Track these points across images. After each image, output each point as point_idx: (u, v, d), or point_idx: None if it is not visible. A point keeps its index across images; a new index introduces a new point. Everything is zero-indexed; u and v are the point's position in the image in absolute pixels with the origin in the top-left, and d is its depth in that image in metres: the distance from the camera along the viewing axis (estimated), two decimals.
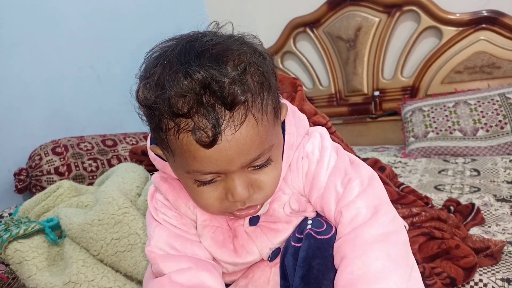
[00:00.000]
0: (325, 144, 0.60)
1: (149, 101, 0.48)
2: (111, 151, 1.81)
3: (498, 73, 2.01)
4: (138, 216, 0.90)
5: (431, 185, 1.42)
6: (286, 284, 0.60)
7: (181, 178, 0.55)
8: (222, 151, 0.47)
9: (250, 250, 0.60)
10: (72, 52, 1.92)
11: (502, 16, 1.96)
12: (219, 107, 0.46)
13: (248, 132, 0.48)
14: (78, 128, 1.93)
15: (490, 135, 1.76)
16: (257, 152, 0.49)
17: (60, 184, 1.19)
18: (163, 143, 0.51)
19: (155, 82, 0.48)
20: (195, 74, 0.45)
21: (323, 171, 0.58)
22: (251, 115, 0.47)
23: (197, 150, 0.47)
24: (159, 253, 0.59)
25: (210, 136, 0.46)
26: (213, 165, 0.48)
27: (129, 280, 0.84)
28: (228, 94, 0.45)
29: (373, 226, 0.52)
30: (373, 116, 2.30)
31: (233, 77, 0.46)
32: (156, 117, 0.48)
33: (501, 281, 0.75)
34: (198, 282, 0.56)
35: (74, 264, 0.85)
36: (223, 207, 0.54)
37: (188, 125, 0.46)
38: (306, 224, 0.58)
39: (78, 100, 1.95)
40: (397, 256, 0.51)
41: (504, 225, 1.03)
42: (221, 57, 0.47)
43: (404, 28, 2.22)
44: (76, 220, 0.94)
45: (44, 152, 1.68)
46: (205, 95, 0.45)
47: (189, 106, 0.45)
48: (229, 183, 0.51)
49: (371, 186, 0.56)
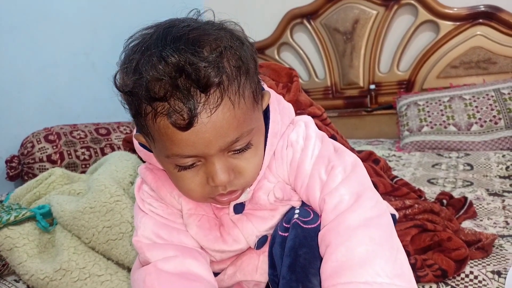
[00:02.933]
0: (309, 133, 0.60)
1: (127, 87, 0.49)
2: (104, 139, 1.80)
3: (494, 69, 2.01)
4: (130, 204, 0.89)
5: (425, 179, 1.43)
6: (274, 273, 0.60)
7: (163, 164, 0.55)
8: (199, 133, 0.47)
9: (237, 238, 0.60)
10: (67, 39, 1.90)
11: (499, 12, 1.96)
12: (194, 90, 0.46)
13: (225, 115, 0.48)
14: (71, 116, 1.91)
15: (484, 130, 1.77)
16: (235, 135, 0.50)
17: (52, 171, 1.18)
18: (144, 129, 0.51)
19: (133, 68, 0.48)
20: (170, 58, 0.46)
21: (308, 160, 0.58)
22: (227, 98, 0.48)
23: (174, 133, 0.48)
24: (145, 242, 0.59)
25: (186, 118, 0.46)
26: (191, 148, 0.49)
27: (120, 268, 0.84)
28: (203, 76, 0.46)
29: (356, 211, 0.52)
30: (368, 109, 2.30)
31: (208, 61, 0.46)
32: (135, 103, 0.49)
33: (491, 274, 0.76)
34: (185, 270, 0.56)
35: (65, 252, 0.85)
36: (205, 193, 0.54)
37: (164, 108, 0.47)
38: (293, 214, 0.58)
39: (72, 87, 1.93)
40: (381, 239, 0.50)
41: (496, 219, 1.04)
42: (197, 42, 0.47)
43: (402, 21, 2.21)
44: (67, 208, 0.93)
45: (37, 139, 1.66)
46: (180, 79, 0.46)
47: (165, 90, 0.46)
48: (209, 168, 0.51)
49: (354, 173, 0.56)
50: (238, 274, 0.63)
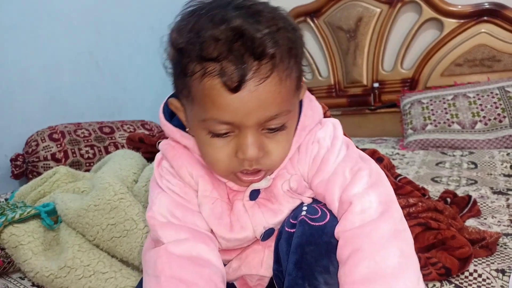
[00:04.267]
0: (337, 134, 0.61)
1: (180, 44, 0.50)
2: (108, 138, 1.81)
3: (498, 67, 2.00)
4: (135, 202, 0.89)
5: (428, 177, 1.43)
6: (279, 269, 0.60)
7: (195, 130, 0.55)
8: (243, 100, 0.49)
9: (245, 225, 0.60)
10: (71, 38, 1.90)
11: (504, 9, 1.95)
12: (248, 56, 0.47)
13: (271, 88, 0.49)
14: (75, 114, 1.91)
15: (489, 128, 1.76)
16: (275, 111, 0.51)
17: (57, 169, 1.18)
18: (184, 90, 0.52)
19: (190, 27, 0.50)
20: (232, 22, 0.47)
21: (333, 158, 0.59)
22: (276, 72, 0.49)
23: (218, 96, 0.49)
24: (160, 219, 0.58)
25: (235, 81, 0.47)
26: (231, 114, 0.49)
27: (124, 266, 0.84)
28: (259, 45, 0.47)
29: (388, 222, 0.53)
30: (372, 107, 2.30)
31: (266, 32, 0.48)
32: (184, 61, 0.50)
33: (495, 272, 0.75)
34: (195, 254, 0.56)
35: (70, 249, 0.85)
36: (231, 166, 0.54)
37: (214, 69, 0.48)
38: (301, 210, 0.58)
39: (76, 86, 1.93)
40: (409, 253, 0.52)
41: (500, 217, 1.04)
42: (258, 14, 0.49)
43: (405, 19, 2.20)
44: (72, 206, 0.93)
45: (41, 138, 1.67)
46: (237, 43, 0.47)
47: (220, 51, 0.47)
48: (242, 140, 0.52)
49: (382, 183, 0.57)
50: (243, 268, 0.63)
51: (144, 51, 2.23)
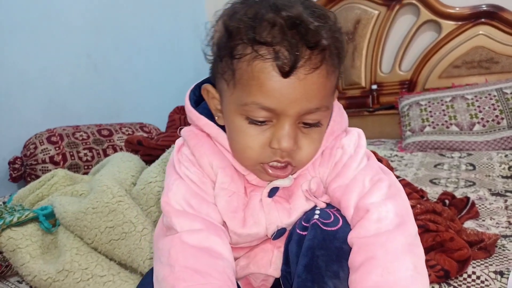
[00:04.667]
0: (361, 143, 0.62)
1: (231, 27, 0.50)
2: (106, 140, 1.81)
3: (496, 68, 2.01)
4: (133, 204, 0.89)
5: (427, 179, 1.43)
6: (287, 270, 0.60)
7: (232, 114, 0.55)
8: (290, 88, 0.49)
9: (258, 221, 0.60)
10: (69, 40, 1.90)
11: (501, 11, 1.96)
12: (301, 45, 0.48)
13: (318, 80, 0.50)
14: (74, 117, 1.91)
15: (487, 130, 1.76)
16: (317, 104, 0.52)
17: (55, 172, 1.18)
18: (227, 73, 0.52)
19: (243, 12, 0.51)
20: (289, 10, 0.48)
21: (354, 165, 0.59)
22: (325, 65, 0.50)
23: (266, 79, 0.49)
24: (175, 206, 0.58)
25: (287, 66, 0.48)
26: (275, 100, 0.50)
27: (123, 269, 0.84)
28: (314, 35, 0.48)
29: (403, 234, 0.53)
30: (370, 109, 2.30)
31: (320, 25, 0.49)
32: (233, 43, 0.50)
33: (494, 274, 0.75)
34: (207, 245, 0.55)
35: (68, 252, 0.85)
36: (262, 156, 0.54)
37: (268, 53, 0.48)
38: (313, 214, 0.58)
39: (75, 89, 1.93)
40: (422, 269, 0.53)
41: (498, 219, 1.04)
42: (314, 8, 0.51)
43: (403, 21, 2.21)
44: (70, 208, 0.93)
45: (39, 141, 1.67)
46: (292, 31, 0.48)
47: (274, 36, 0.48)
48: (279, 130, 0.52)
49: (400, 196, 0.58)
50: (252, 266, 0.63)
51: (143, 53, 2.24)
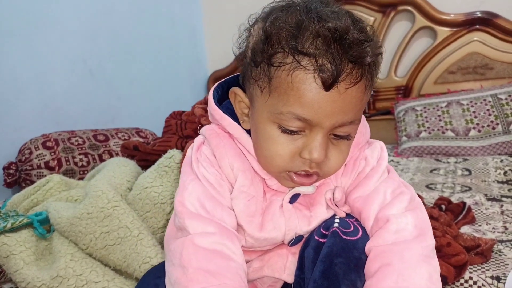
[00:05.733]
0: (383, 155, 0.62)
1: (272, 33, 0.50)
2: (102, 146, 1.80)
3: (491, 74, 2.02)
4: (128, 209, 0.89)
5: (423, 184, 1.43)
6: (301, 275, 0.60)
7: (263, 122, 0.54)
8: (329, 101, 0.49)
9: (277, 226, 0.60)
10: (65, 45, 1.90)
11: (495, 18, 1.98)
12: (344, 58, 0.48)
13: (357, 94, 0.50)
14: (69, 122, 1.90)
15: (482, 135, 1.77)
16: (353, 117, 0.52)
17: (50, 178, 1.17)
18: (263, 80, 0.52)
19: (285, 19, 0.50)
20: (335, 21, 0.48)
21: (377, 176, 0.60)
22: (364, 80, 0.50)
23: (307, 91, 0.49)
24: (189, 207, 0.57)
25: (330, 79, 0.47)
26: (313, 112, 0.49)
27: (118, 275, 0.83)
28: (357, 50, 0.48)
29: (420, 244, 0.54)
30: (366, 115, 2.30)
31: (364, 39, 0.48)
32: (272, 50, 0.50)
33: (490, 279, 0.75)
34: (219, 249, 0.55)
35: (62, 259, 0.84)
36: (290, 164, 0.54)
37: (311, 64, 0.48)
38: (333, 222, 0.58)
39: (70, 94, 1.92)
40: (437, 280, 0.53)
41: (494, 224, 1.04)
42: (357, 21, 0.50)
43: (399, 27, 2.22)
44: (65, 214, 0.92)
45: (35, 146, 1.66)
46: (336, 43, 0.47)
47: (317, 47, 0.47)
48: (311, 140, 0.52)
49: (420, 210, 0.58)
50: (266, 269, 0.62)
51: (139, 59, 2.23)
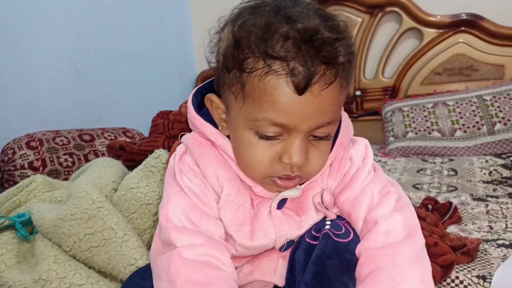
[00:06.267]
0: (368, 154, 0.61)
1: (241, 38, 0.48)
2: (88, 146, 1.77)
3: (476, 76, 2.05)
4: (113, 211, 0.87)
5: (410, 184, 1.44)
6: (292, 278, 0.59)
7: (240, 129, 0.53)
8: (304, 104, 0.48)
9: (267, 234, 0.59)
10: (50, 43, 1.87)
11: (480, 20, 2.00)
12: (317, 60, 0.46)
13: (333, 94, 0.49)
14: (54, 121, 1.87)
15: (468, 136, 1.79)
16: (330, 118, 0.50)
17: (33, 178, 1.14)
18: (236, 86, 0.50)
19: (253, 22, 0.48)
20: (304, 22, 0.46)
21: (363, 176, 0.59)
22: (339, 80, 0.49)
23: (280, 96, 0.47)
24: (174, 222, 0.56)
25: (303, 83, 0.46)
26: (288, 116, 0.48)
27: (102, 277, 0.81)
28: (330, 50, 0.46)
29: (411, 246, 0.53)
30: (354, 115, 2.32)
31: (335, 38, 0.47)
32: (242, 56, 0.48)
33: (476, 278, 0.76)
34: (207, 259, 0.54)
35: (45, 261, 0.82)
36: (271, 169, 0.53)
37: (282, 68, 0.46)
38: (324, 224, 0.58)
39: (55, 92, 1.89)
40: (428, 281, 0.52)
41: (480, 223, 1.05)
42: (328, 18, 0.48)
43: (386, 29, 2.24)
44: (48, 215, 0.90)
45: (18, 146, 1.62)
46: (307, 45, 0.46)
47: (287, 50, 0.46)
48: (290, 144, 0.51)
49: (408, 209, 0.57)
50: (256, 273, 0.62)
51: (126, 57, 2.20)
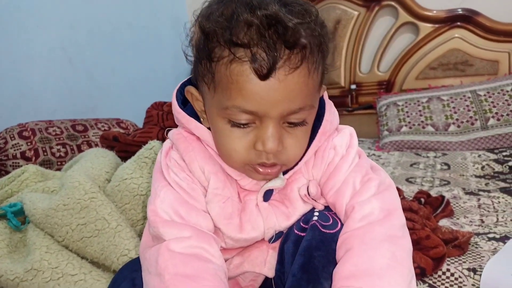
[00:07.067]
0: (352, 142, 0.61)
1: (208, 28, 0.48)
2: (81, 136, 1.75)
3: (471, 71, 2.06)
4: (106, 201, 0.87)
5: (403, 178, 1.45)
6: (281, 270, 0.59)
7: (214, 118, 0.53)
8: (270, 90, 0.47)
9: (256, 226, 0.59)
10: (43, 33, 1.84)
11: (476, 15, 2.00)
12: (280, 45, 0.46)
13: (299, 79, 0.48)
14: (47, 111, 1.86)
15: (461, 130, 1.80)
16: (300, 104, 0.50)
17: (26, 168, 1.14)
18: (207, 77, 0.51)
19: (219, 12, 0.48)
20: (266, 8, 0.46)
21: (346, 166, 0.58)
22: (306, 64, 0.48)
23: (245, 82, 0.47)
24: (162, 216, 0.56)
25: (266, 68, 0.46)
26: (255, 103, 0.48)
27: (95, 267, 0.81)
28: (292, 34, 0.46)
29: (384, 226, 0.53)
30: (349, 109, 2.32)
31: (300, 22, 0.47)
32: (211, 45, 0.48)
33: (467, 271, 0.77)
34: (196, 252, 0.54)
35: (37, 251, 0.82)
36: (248, 157, 0.53)
37: (245, 55, 0.47)
38: (312, 215, 0.58)
39: (48, 82, 1.87)
40: (402, 259, 0.52)
41: (472, 217, 1.06)
42: (291, 4, 0.48)
43: (382, 22, 2.23)
44: (40, 205, 0.90)
45: (10, 135, 1.61)
46: (269, 31, 0.46)
47: (251, 37, 0.46)
48: (263, 131, 0.50)
49: (389, 191, 0.57)
50: (246, 265, 0.62)
51: (121, 48, 2.18)
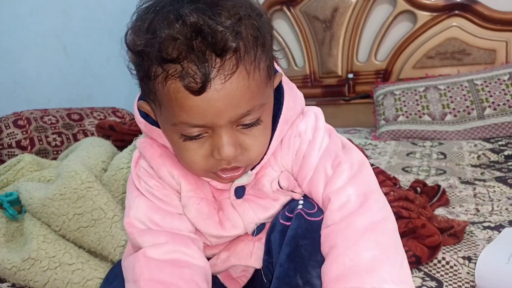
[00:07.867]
0: (318, 125, 0.59)
1: (138, 47, 0.46)
2: (77, 125, 1.74)
3: (468, 60, 2.05)
4: (103, 191, 0.86)
5: (399, 167, 1.45)
6: (269, 260, 0.59)
7: (167, 133, 0.53)
8: (211, 101, 0.46)
9: (236, 224, 0.59)
10: (36, 20, 1.82)
11: (474, 4, 1.99)
12: (210, 53, 0.44)
13: (239, 84, 0.46)
14: (42, 100, 1.84)
15: (458, 120, 1.81)
16: (246, 107, 0.48)
17: (21, 157, 1.13)
18: (151, 94, 0.49)
19: (146, 27, 0.46)
20: (188, 17, 0.44)
21: (315, 152, 0.57)
22: (243, 66, 0.46)
23: (184, 99, 0.46)
24: (138, 226, 0.56)
25: (199, 82, 0.44)
26: (200, 116, 0.47)
27: (92, 256, 0.81)
28: (220, 40, 0.44)
29: (363, 214, 0.52)
30: (346, 98, 2.32)
31: (226, 25, 0.44)
32: (145, 64, 0.47)
33: (462, 259, 0.77)
34: (172, 257, 0.54)
35: (34, 240, 0.82)
36: (208, 166, 0.52)
37: (176, 71, 0.45)
38: (297, 204, 0.57)
39: (43, 71, 1.85)
40: (387, 244, 0.51)
41: (467, 206, 1.07)
42: (216, 5, 0.46)
43: (380, 11, 2.22)
44: (36, 195, 0.89)
45: (5, 124, 1.60)
46: (196, 41, 0.44)
47: (179, 51, 0.44)
48: (216, 140, 0.49)
49: (361, 172, 0.55)
50: (232, 259, 0.62)
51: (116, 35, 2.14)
